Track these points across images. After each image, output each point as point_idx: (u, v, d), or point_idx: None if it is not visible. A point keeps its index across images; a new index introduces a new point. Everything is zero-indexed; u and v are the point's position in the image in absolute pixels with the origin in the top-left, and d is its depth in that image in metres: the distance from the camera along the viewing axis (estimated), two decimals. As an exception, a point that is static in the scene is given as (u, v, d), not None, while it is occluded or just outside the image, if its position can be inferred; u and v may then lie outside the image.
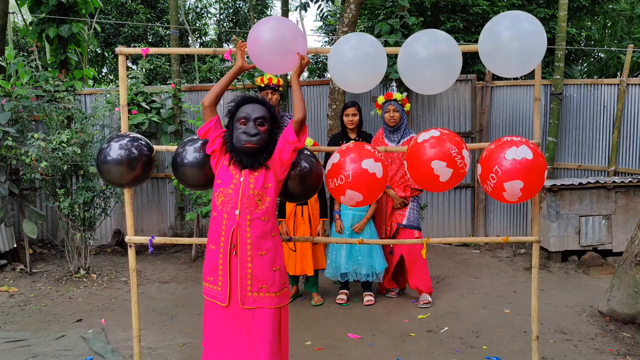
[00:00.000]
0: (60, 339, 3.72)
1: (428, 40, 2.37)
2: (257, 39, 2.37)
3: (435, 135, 2.47)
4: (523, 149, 2.38)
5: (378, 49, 2.42)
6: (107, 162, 2.58)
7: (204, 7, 14.10)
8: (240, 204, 2.28)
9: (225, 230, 2.30)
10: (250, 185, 2.29)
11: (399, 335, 3.77)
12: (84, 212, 5.26)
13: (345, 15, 6.16)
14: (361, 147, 2.57)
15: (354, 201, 2.52)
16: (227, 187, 2.32)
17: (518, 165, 2.36)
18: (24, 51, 8.19)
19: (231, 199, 2.30)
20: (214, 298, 2.35)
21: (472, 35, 7.89)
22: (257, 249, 2.30)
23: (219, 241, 2.31)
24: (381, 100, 4.50)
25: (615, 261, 5.31)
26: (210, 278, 2.36)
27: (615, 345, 3.56)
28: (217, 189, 2.36)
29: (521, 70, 2.41)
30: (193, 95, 6.78)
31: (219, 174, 2.38)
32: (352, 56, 2.39)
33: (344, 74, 2.45)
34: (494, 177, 2.41)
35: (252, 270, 2.29)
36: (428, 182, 2.49)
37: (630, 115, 6.45)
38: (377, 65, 2.43)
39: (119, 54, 2.78)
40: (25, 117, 5.69)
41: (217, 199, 2.35)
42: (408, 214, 4.47)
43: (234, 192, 2.30)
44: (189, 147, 2.55)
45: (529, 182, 2.37)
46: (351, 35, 2.47)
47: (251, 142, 2.28)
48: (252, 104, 2.35)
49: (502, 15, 2.38)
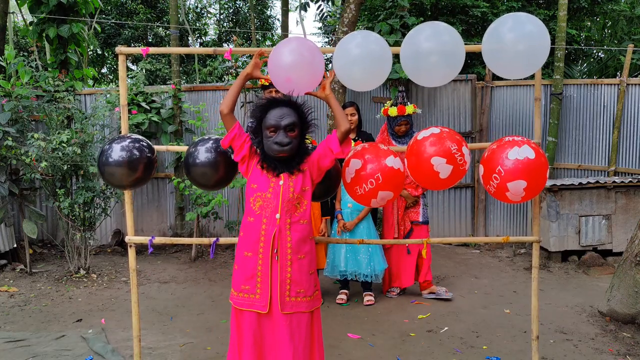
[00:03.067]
0: (60, 339, 3.72)
1: (432, 31, 2.36)
2: (279, 64, 2.32)
3: (435, 132, 2.48)
4: (525, 149, 2.38)
5: (383, 47, 2.41)
6: (108, 164, 2.56)
7: (204, 7, 14.11)
8: (281, 208, 2.23)
9: (265, 235, 2.23)
10: (290, 189, 2.25)
11: (399, 335, 3.77)
12: (84, 212, 5.26)
13: (345, 15, 6.16)
14: (376, 147, 2.56)
15: (385, 200, 2.52)
16: (266, 192, 2.25)
17: (520, 165, 2.35)
18: (24, 51, 8.19)
19: (270, 202, 2.24)
20: (251, 307, 2.26)
21: (471, 38, 7.87)
22: (297, 252, 2.26)
23: (257, 247, 2.25)
24: (393, 112, 4.50)
25: (615, 261, 5.31)
26: (246, 287, 2.27)
27: (615, 345, 3.56)
28: (254, 194, 2.28)
29: (525, 71, 2.40)
30: (193, 96, 6.78)
31: (252, 178, 2.31)
32: (358, 54, 2.37)
33: (349, 72, 2.43)
34: (497, 178, 2.41)
35: (291, 275, 2.25)
36: (428, 179, 2.49)
37: (630, 115, 6.44)
38: (383, 63, 2.41)
39: (119, 54, 2.77)
40: (25, 117, 5.68)
41: (254, 204, 2.27)
42: (422, 212, 4.60)
43: (273, 196, 2.24)
44: (201, 147, 2.53)
45: (532, 182, 2.37)
46: (356, 33, 2.46)
47: (284, 152, 2.23)
48: (280, 107, 2.24)
49: (505, 16, 2.37)
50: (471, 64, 7.65)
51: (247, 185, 2.34)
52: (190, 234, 6.38)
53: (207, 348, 3.55)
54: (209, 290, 4.91)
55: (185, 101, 6.61)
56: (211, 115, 6.69)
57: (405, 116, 4.47)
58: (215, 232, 6.68)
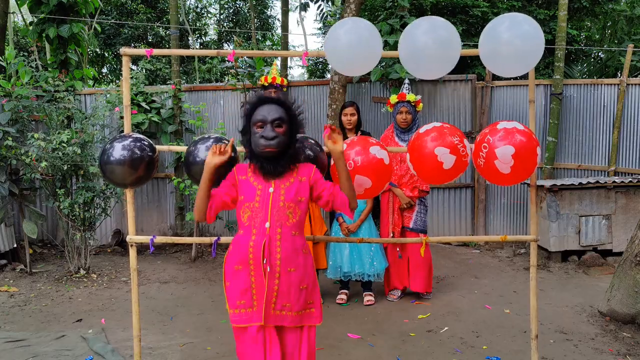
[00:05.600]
0: (60, 339, 3.72)
1: (428, 26, 2.42)
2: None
3: (437, 126, 2.55)
4: (514, 123, 2.48)
5: (372, 31, 2.45)
6: (110, 163, 2.57)
7: (204, 7, 14.11)
8: (271, 216, 2.14)
9: (254, 246, 2.14)
10: (281, 197, 2.16)
11: (399, 335, 3.77)
12: (84, 212, 5.26)
13: (345, 15, 6.16)
14: (365, 139, 2.62)
15: (363, 188, 2.52)
16: (253, 201, 2.16)
17: (508, 133, 2.42)
18: (24, 51, 8.19)
19: (259, 212, 2.15)
20: (250, 321, 2.17)
21: (471, 38, 7.87)
22: (287, 265, 2.15)
23: (247, 259, 2.15)
24: (394, 99, 4.46)
25: (615, 261, 5.31)
26: (241, 302, 2.18)
27: (615, 345, 3.56)
28: (242, 206, 2.19)
29: (520, 69, 2.45)
30: (193, 96, 6.78)
31: (240, 190, 2.22)
32: (347, 39, 2.40)
33: (340, 56, 2.46)
34: (486, 147, 2.45)
35: (278, 287, 2.14)
36: (432, 171, 2.51)
37: (630, 115, 6.44)
38: (372, 45, 2.44)
39: (123, 55, 2.77)
40: (25, 117, 5.69)
41: (242, 216, 2.18)
42: (415, 217, 4.44)
43: (262, 204, 2.15)
44: (201, 146, 2.54)
45: (519, 150, 2.39)
46: (346, 19, 2.50)
47: (270, 146, 2.12)
48: (268, 104, 2.17)
49: (502, 16, 2.43)
50: (471, 64, 7.65)
51: (238, 200, 2.24)
52: (190, 234, 6.38)
53: (207, 348, 3.55)
54: (209, 290, 4.91)
55: (186, 101, 6.62)
56: (211, 115, 6.69)
57: (406, 103, 4.40)
58: (215, 232, 6.68)
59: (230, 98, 6.78)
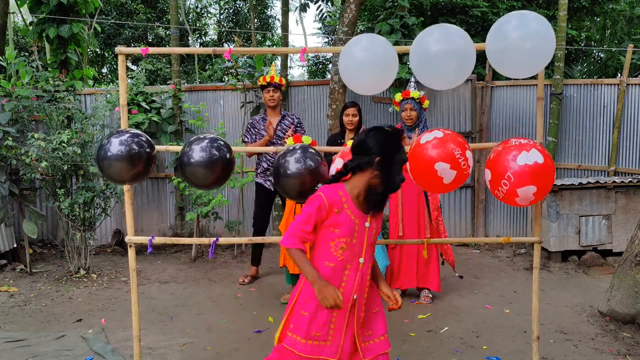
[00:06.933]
0: (60, 339, 3.72)
1: (441, 34, 2.36)
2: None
3: (439, 136, 2.44)
4: (534, 153, 2.37)
5: (389, 50, 2.39)
6: (107, 158, 2.54)
7: (204, 7, 14.12)
8: (365, 252, 2.13)
9: (347, 281, 2.11)
10: (373, 231, 2.17)
11: (399, 335, 3.76)
12: (84, 212, 5.26)
13: (345, 15, 6.16)
14: None
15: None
16: (351, 237, 2.09)
17: (530, 171, 2.34)
18: (25, 51, 8.19)
19: (355, 247, 2.11)
20: (320, 354, 2.12)
21: (471, 38, 7.87)
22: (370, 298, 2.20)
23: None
24: (398, 97, 4.48)
25: (615, 261, 5.31)
26: (316, 334, 2.12)
27: (615, 345, 3.56)
28: (335, 239, 2.09)
29: (530, 71, 2.39)
30: (193, 95, 6.78)
31: (334, 222, 2.09)
32: (363, 57, 2.35)
33: (356, 77, 2.42)
34: (506, 184, 2.39)
35: (357, 319, 2.16)
36: (431, 184, 2.48)
37: (630, 115, 6.44)
38: (389, 67, 2.40)
39: (119, 54, 2.77)
40: (25, 117, 5.69)
41: (336, 251, 2.09)
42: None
43: (359, 241, 2.12)
44: (196, 146, 2.52)
45: (541, 186, 2.37)
46: (362, 36, 2.43)
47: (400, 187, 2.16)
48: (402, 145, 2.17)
49: (509, 15, 2.36)
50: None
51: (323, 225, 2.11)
52: (190, 234, 6.38)
53: (207, 348, 3.55)
54: (209, 290, 4.91)
55: (186, 101, 6.61)
56: (211, 115, 6.69)
57: (410, 100, 4.41)
58: (215, 232, 6.68)
59: (230, 98, 6.78)
